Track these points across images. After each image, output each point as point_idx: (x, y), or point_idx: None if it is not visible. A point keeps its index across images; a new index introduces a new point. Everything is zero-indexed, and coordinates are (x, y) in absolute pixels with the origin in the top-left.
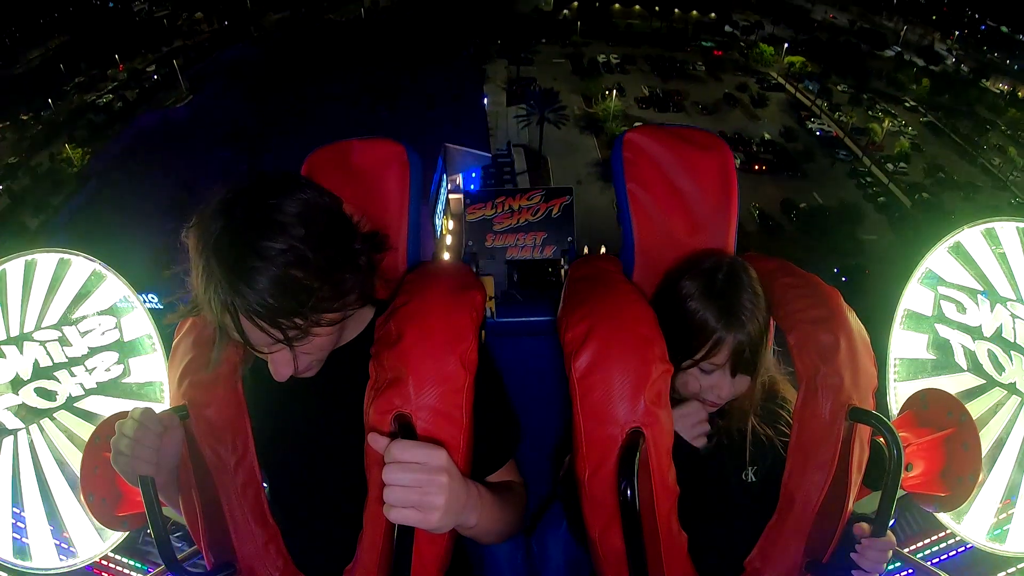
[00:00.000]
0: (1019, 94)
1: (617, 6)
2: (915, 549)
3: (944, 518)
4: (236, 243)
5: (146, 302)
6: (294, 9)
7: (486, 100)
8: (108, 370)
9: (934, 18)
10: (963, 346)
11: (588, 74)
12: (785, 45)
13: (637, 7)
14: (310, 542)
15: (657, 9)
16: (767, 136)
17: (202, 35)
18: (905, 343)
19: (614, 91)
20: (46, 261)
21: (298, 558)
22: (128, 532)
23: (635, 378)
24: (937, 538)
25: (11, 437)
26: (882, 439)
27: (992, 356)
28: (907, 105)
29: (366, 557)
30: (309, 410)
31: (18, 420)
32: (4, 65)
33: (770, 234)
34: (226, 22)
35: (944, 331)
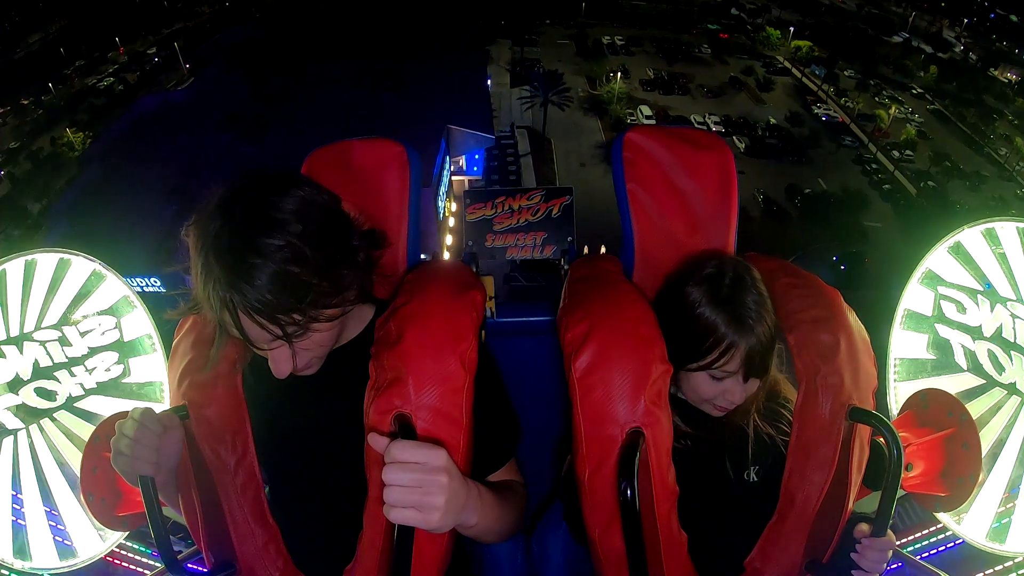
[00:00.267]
0: None
1: None
2: (905, 543)
3: (944, 518)
4: (235, 240)
5: (149, 285)
6: None
7: (489, 81)
8: (108, 370)
9: (943, 5)
10: (963, 346)
11: (593, 56)
12: (792, 29)
13: None
14: (310, 542)
15: None
16: (772, 121)
17: (203, 16)
18: (905, 343)
19: (619, 73)
20: (46, 261)
21: (298, 558)
22: (128, 532)
23: (635, 378)
24: (927, 532)
25: (11, 437)
26: (882, 439)
27: (992, 356)
28: (914, 92)
29: (366, 557)
30: (309, 410)
31: (18, 420)
32: (4, 49)
33: (774, 219)
34: (227, 3)
35: (944, 331)
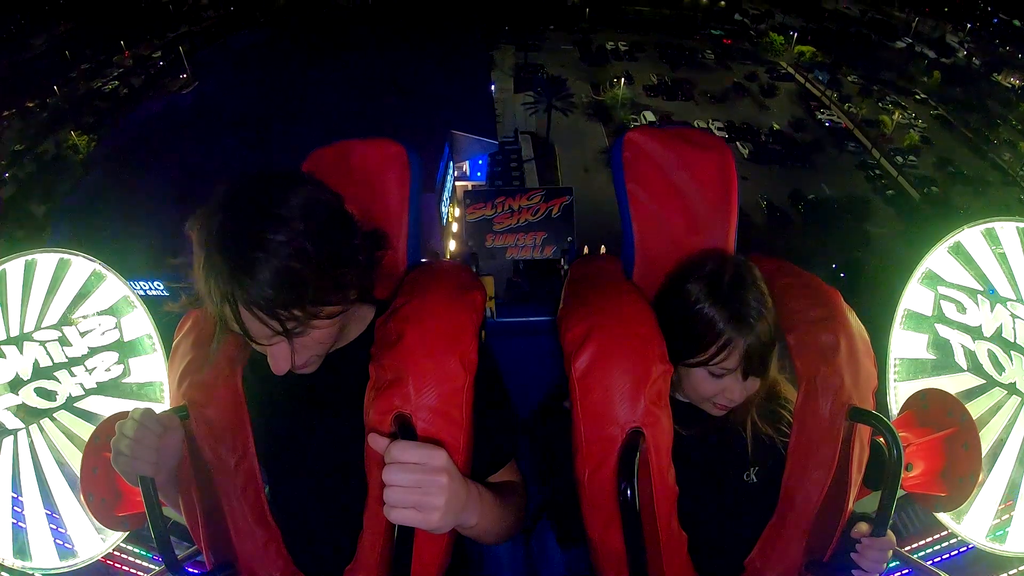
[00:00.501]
0: None
1: None
2: (914, 548)
3: (944, 518)
4: (238, 235)
5: (152, 288)
6: None
7: (493, 87)
8: (108, 370)
9: (946, 10)
10: (963, 346)
11: (596, 61)
12: (795, 34)
13: None
14: (310, 542)
15: None
16: (776, 126)
17: (208, 21)
18: (905, 343)
19: (622, 79)
20: (46, 261)
21: (298, 558)
22: (128, 532)
23: (635, 378)
24: (937, 538)
25: (11, 437)
26: (882, 439)
27: (992, 356)
28: (917, 98)
29: (366, 557)
30: (309, 410)
31: (18, 420)
32: (10, 52)
33: (778, 225)
34: (232, 7)
35: (944, 331)
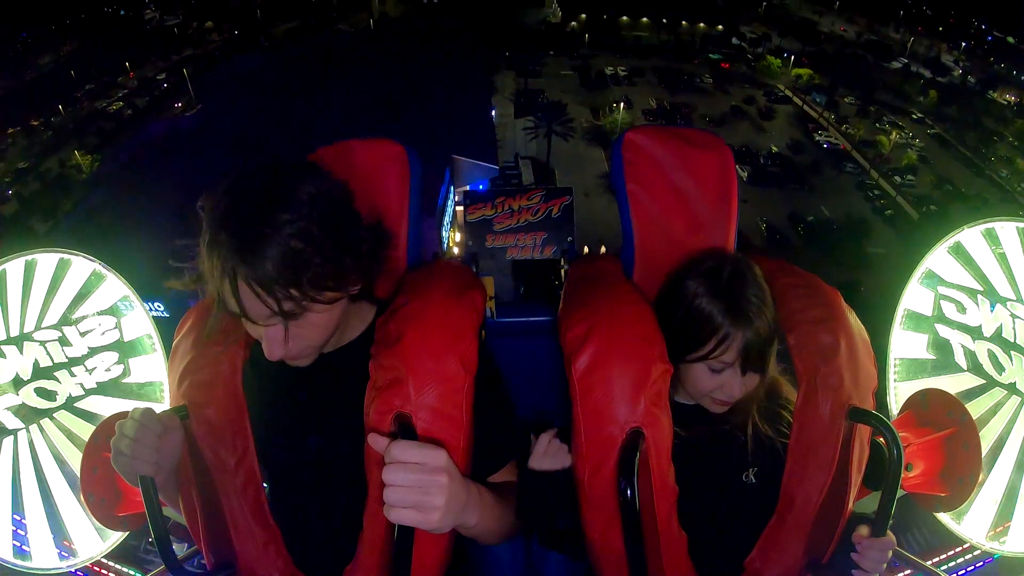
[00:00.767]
0: None
1: (625, 19)
2: (939, 562)
3: (944, 518)
4: (246, 213)
5: (153, 310)
6: (303, 19)
7: (494, 112)
8: (108, 370)
9: (940, 29)
10: (963, 346)
11: (596, 86)
12: (792, 57)
13: (645, 20)
14: (310, 542)
15: (665, 22)
16: (775, 149)
17: (212, 44)
18: (905, 343)
19: (622, 103)
20: (46, 261)
21: (298, 558)
22: (128, 532)
23: (635, 378)
24: (962, 550)
25: (11, 437)
26: (882, 439)
27: (992, 356)
28: (914, 117)
29: (366, 557)
30: (309, 410)
31: (18, 420)
32: (16, 70)
33: (777, 248)
34: (236, 31)
35: (944, 331)
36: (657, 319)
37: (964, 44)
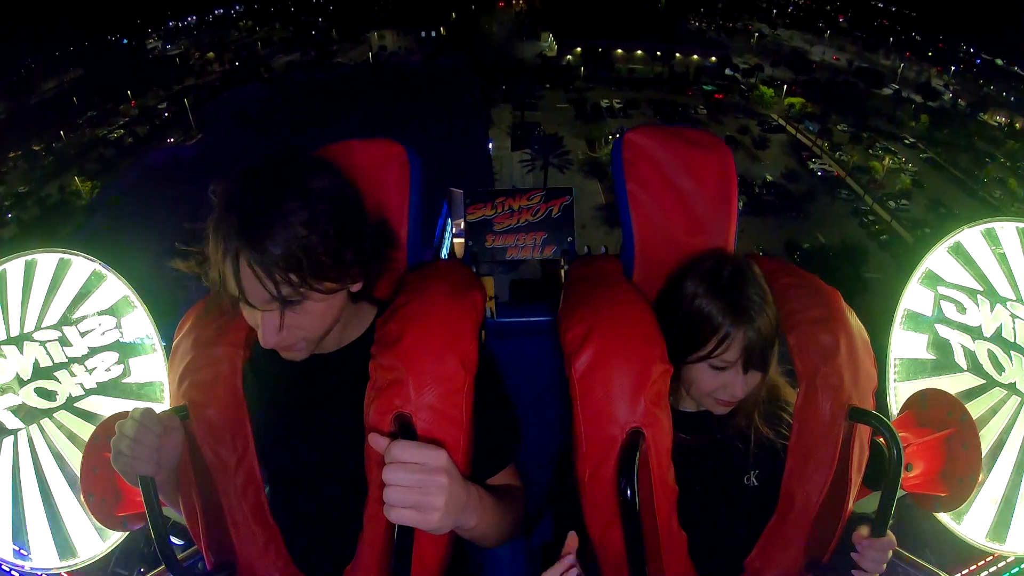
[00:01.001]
0: (1016, 126)
1: (619, 52)
2: (970, 573)
3: (944, 518)
4: (257, 196)
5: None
6: (303, 52)
7: (491, 145)
8: (108, 370)
9: (930, 54)
10: (963, 346)
11: (591, 119)
12: (784, 87)
13: (639, 52)
14: (310, 542)
15: (659, 54)
16: (769, 178)
17: (213, 75)
18: (905, 343)
19: (618, 135)
20: (46, 261)
21: (298, 558)
22: (128, 532)
23: (635, 378)
24: (988, 562)
25: (11, 437)
26: (882, 439)
27: (992, 356)
28: (907, 142)
29: (366, 557)
30: (309, 410)
31: (18, 420)
32: (19, 95)
33: None
34: (236, 63)
35: (944, 331)
36: (658, 320)
37: (953, 68)
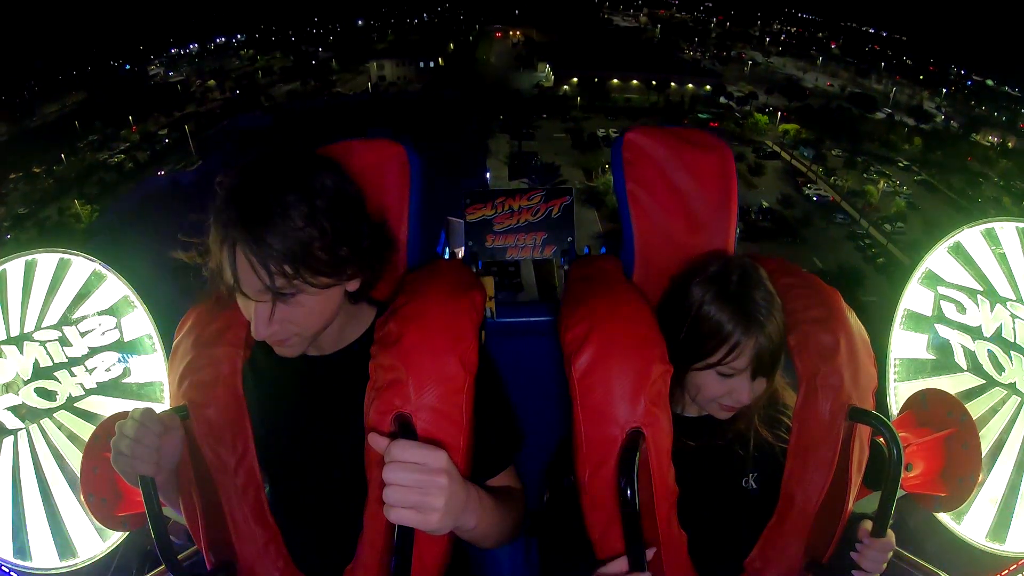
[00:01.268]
0: (1009, 145)
1: (615, 82)
2: None
3: (944, 518)
4: (259, 188)
5: None
6: (303, 81)
7: (488, 174)
8: (108, 370)
9: (921, 77)
10: (963, 346)
11: (588, 148)
12: (779, 113)
13: (635, 82)
14: (310, 542)
15: (654, 84)
16: (765, 204)
17: (214, 102)
18: (905, 343)
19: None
20: (46, 261)
21: (298, 558)
22: (128, 532)
23: (635, 378)
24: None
25: (11, 437)
26: (882, 439)
27: (992, 356)
28: (900, 165)
29: (366, 557)
30: (309, 410)
31: (18, 420)
32: (21, 117)
33: None
34: (237, 91)
35: (944, 331)
36: (663, 325)
37: (945, 90)
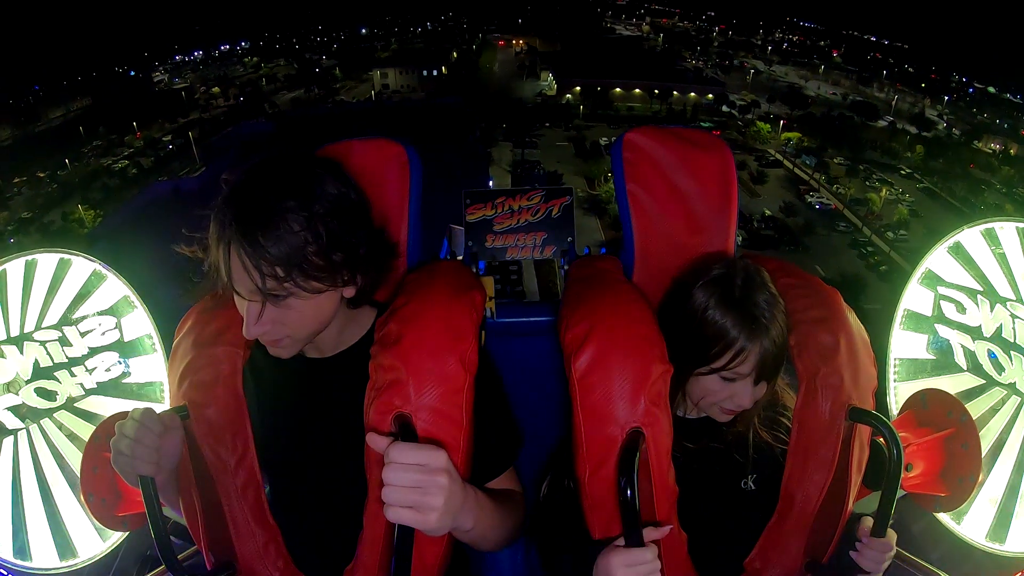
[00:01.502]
0: (1011, 152)
1: (618, 90)
2: None
3: (944, 518)
4: (260, 190)
5: None
6: (307, 89)
7: (491, 183)
8: (108, 370)
9: (923, 85)
10: (963, 346)
11: (591, 156)
12: (781, 122)
13: (637, 91)
14: (310, 542)
15: (657, 92)
16: (768, 212)
17: (218, 109)
18: (905, 343)
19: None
20: (46, 261)
21: (298, 558)
22: (128, 532)
23: (635, 378)
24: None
25: (11, 437)
26: (882, 439)
27: (992, 356)
28: (903, 173)
29: (366, 557)
30: (309, 410)
31: (18, 420)
32: (26, 122)
33: None
34: (241, 98)
35: (944, 331)
36: (664, 327)
37: (947, 98)
